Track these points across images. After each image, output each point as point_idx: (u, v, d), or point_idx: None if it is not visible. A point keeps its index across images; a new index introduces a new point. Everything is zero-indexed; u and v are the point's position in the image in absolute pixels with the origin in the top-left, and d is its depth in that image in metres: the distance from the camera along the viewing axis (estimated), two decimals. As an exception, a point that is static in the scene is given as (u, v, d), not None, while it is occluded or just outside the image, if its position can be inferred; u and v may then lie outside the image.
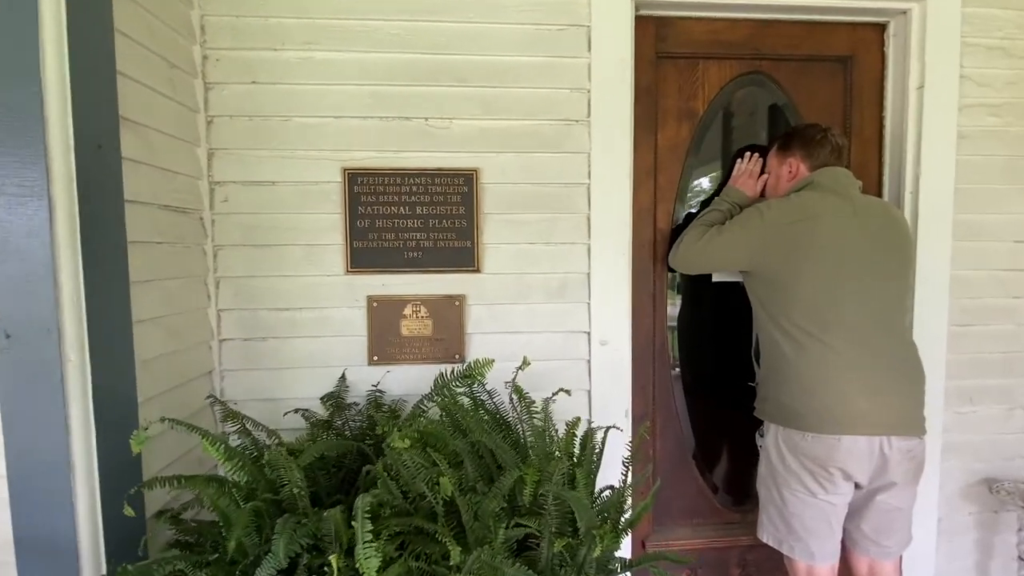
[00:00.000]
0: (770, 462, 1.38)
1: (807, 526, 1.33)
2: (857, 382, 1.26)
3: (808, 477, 1.30)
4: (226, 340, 1.48)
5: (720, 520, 1.77)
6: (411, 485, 0.96)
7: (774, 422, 1.37)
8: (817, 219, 1.31)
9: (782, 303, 1.33)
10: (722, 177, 1.65)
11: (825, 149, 1.40)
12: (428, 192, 1.48)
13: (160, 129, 1.26)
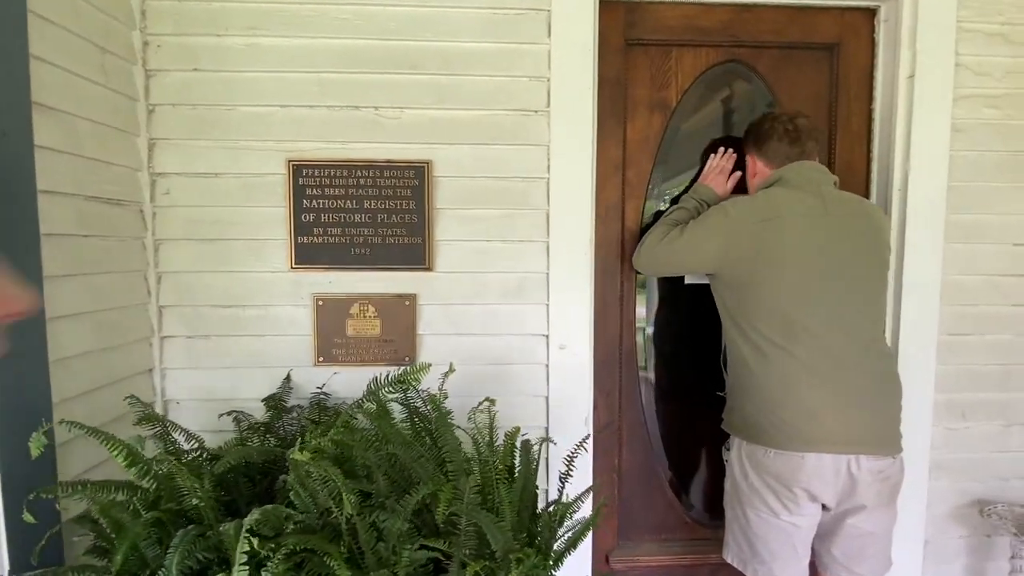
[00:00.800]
0: (734, 478, 1.29)
1: (771, 548, 1.24)
2: (824, 396, 1.16)
3: (771, 496, 1.21)
4: (168, 337, 1.43)
5: (690, 536, 1.67)
6: (316, 500, 0.89)
7: (738, 436, 1.28)
8: (783, 219, 1.22)
9: (746, 309, 1.24)
10: (696, 173, 1.54)
11: (774, 139, 1.31)
12: (376, 185, 1.40)
13: (88, 117, 1.20)
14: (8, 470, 0.97)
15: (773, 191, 1.27)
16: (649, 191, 1.60)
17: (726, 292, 1.29)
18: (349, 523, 0.85)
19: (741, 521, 1.28)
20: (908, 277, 1.48)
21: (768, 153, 1.33)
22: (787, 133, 1.31)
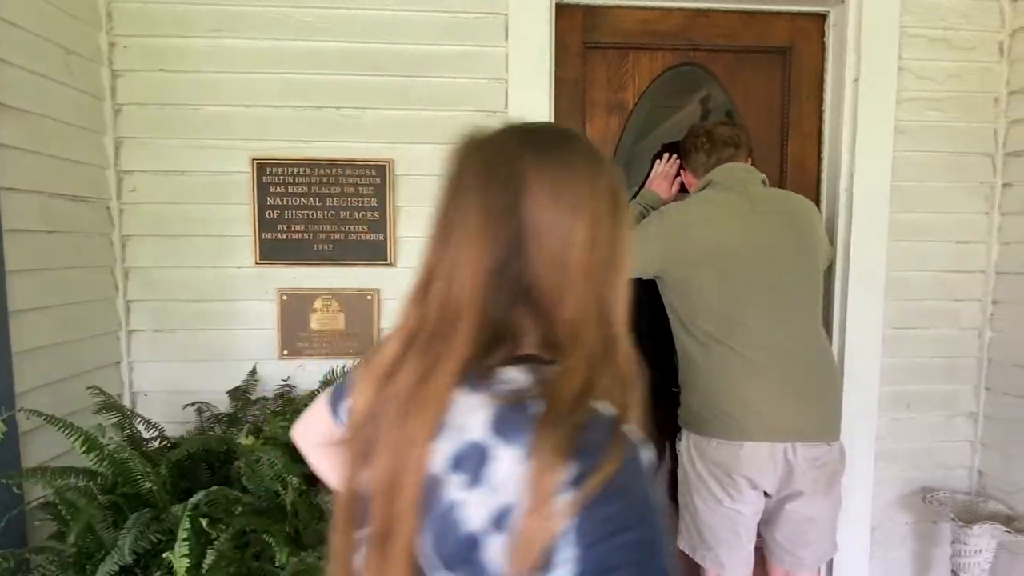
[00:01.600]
0: (683, 468, 1.34)
1: (716, 535, 1.29)
2: (760, 388, 1.21)
3: (715, 484, 1.26)
4: (135, 331, 1.47)
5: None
6: (263, 483, 0.94)
7: (686, 428, 1.33)
8: (713, 220, 1.27)
9: (687, 308, 1.29)
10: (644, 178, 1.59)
11: (692, 152, 1.40)
12: (339, 183, 1.45)
13: (54, 117, 1.24)
14: (-30, 457, 1.01)
15: (704, 194, 1.33)
16: (608, 190, 1.65)
17: (668, 292, 1.34)
18: (293, 504, 0.90)
19: (690, 509, 1.33)
20: (854, 273, 1.54)
21: (692, 165, 1.42)
22: (702, 146, 1.38)
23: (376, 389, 0.47)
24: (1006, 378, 1.56)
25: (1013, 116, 1.54)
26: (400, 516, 0.43)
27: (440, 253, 0.47)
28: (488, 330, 0.44)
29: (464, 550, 0.42)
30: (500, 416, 0.43)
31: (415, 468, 0.43)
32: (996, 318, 1.59)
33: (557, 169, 0.46)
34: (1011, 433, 1.55)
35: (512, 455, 0.41)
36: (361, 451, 0.47)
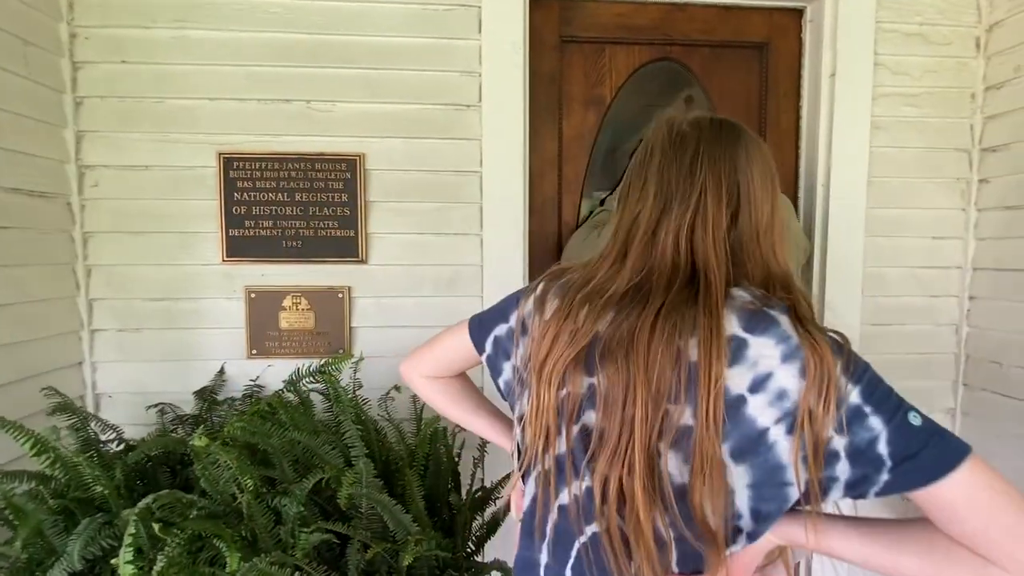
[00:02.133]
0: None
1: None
2: None
3: None
4: (98, 330, 1.43)
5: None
6: (218, 486, 0.90)
7: None
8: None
9: None
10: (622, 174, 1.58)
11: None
12: (308, 178, 1.41)
13: (8, 109, 1.20)
14: (-86, 461, 0.97)
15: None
16: (586, 185, 1.63)
17: None
18: (249, 507, 0.87)
19: None
20: (831, 269, 1.53)
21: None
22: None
23: (597, 318, 0.58)
24: (983, 374, 1.56)
25: (989, 112, 1.54)
26: (709, 407, 0.51)
27: (660, 210, 0.60)
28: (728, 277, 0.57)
29: (751, 439, 0.52)
30: (747, 318, 0.54)
31: (711, 377, 0.51)
32: (973, 314, 1.59)
33: (762, 159, 0.62)
34: (988, 429, 1.55)
35: (758, 341, 0.53)
36: (575, 371, 0.58)
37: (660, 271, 0.58)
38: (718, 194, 0.59)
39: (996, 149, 1.53)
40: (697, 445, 0.51)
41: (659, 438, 0.53)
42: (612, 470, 0.54)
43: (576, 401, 0.58)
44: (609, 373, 0.55)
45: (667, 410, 0.53)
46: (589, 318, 0.58)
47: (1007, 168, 1.50)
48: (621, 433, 0.54)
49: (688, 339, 0.53)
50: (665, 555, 0.54)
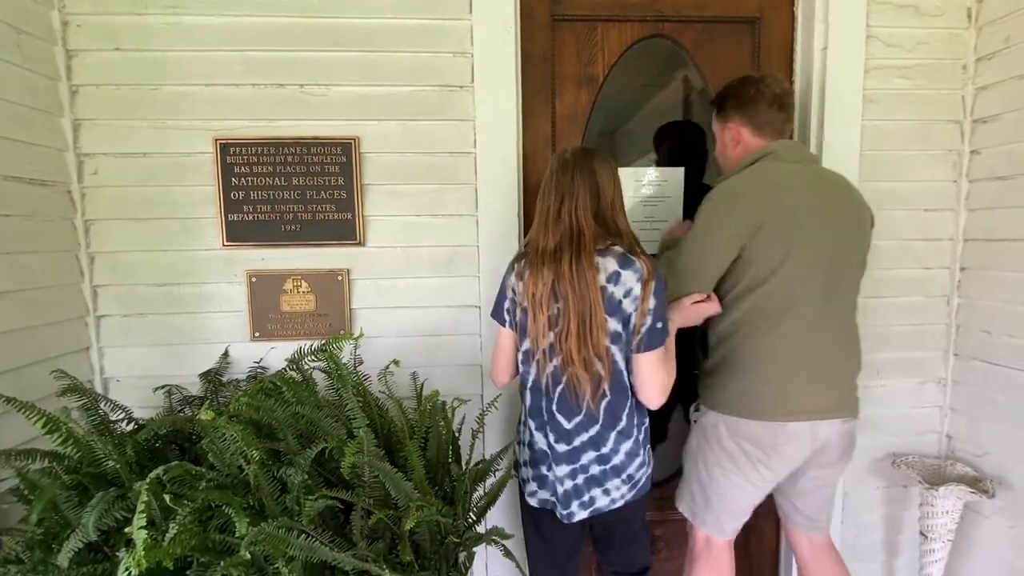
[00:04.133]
0: (706, 440, 1.29)
1: (729, 506, 1.29)
2: (807, 368, 1.20)
3: (744, 460, 1.24)
4: (104, 316, 1.46)
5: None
6: (225, 459, 0.94)
7: (717, 408, 1.27)
8: (789, 191, 1.18)
9: (746, 283, 1.19)
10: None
11: (761, 105, 1.25)
12: (304, 162, 1.43)
13: (5, 98, 1.21)
14: (-69, 442, 1.00)
15: (769, 165, 1.22)
16: (579, 165, 1.64)
17: (729, 269, 1.22)
18: (257, 481, 0.90)
19: (702, 478, 1.31)
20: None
21: (757, 120, 1.26)
22: (776, 99, 1.25)
23: (550, 269, 1.06)
24: (974, 344, 1.59)
25: (981, 83, 1.54)
26: (594, 306, 1.04)
27: (559, 203, 1.09)
28: (594, 234, 1.07)
29: (613, 306, 1.06)
30: (619, 260, 1.06)
31: (594, 287, 1.04)
32: (964, 284, 1.61)
33: (609, 167, 1.12)
34: (979, 398, 1.58)
35: (630, 273, 1.06)
36: (549, 295, 1.07)
37: (563, 236, 1.08)
38: (584, 190, 1.08)
39: (987, 120, 1.53)
40: (594, 315, 1.05)
41: (587, 318, 1.05)
42: (565, 345, 1.07)
43: (553, 315, 1.08)
44: (564, 296, 1.06)
45: (587, 306, 1.05)
46: (545, 269, 1.07)
47: (998, 139, 1.50)
48: (570, 323, 1.06)
49: (584, 271, 1.05)
50: (596, 384, 1.09)
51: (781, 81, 1.27)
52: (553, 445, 1.13)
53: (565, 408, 1.11)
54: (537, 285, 1.07)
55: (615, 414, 1.12)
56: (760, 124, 1.27)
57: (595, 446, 1.12)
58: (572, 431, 1.12)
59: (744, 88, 1.28)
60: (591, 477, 1.13)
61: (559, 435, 1.13)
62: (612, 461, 1.13)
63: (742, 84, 1.29)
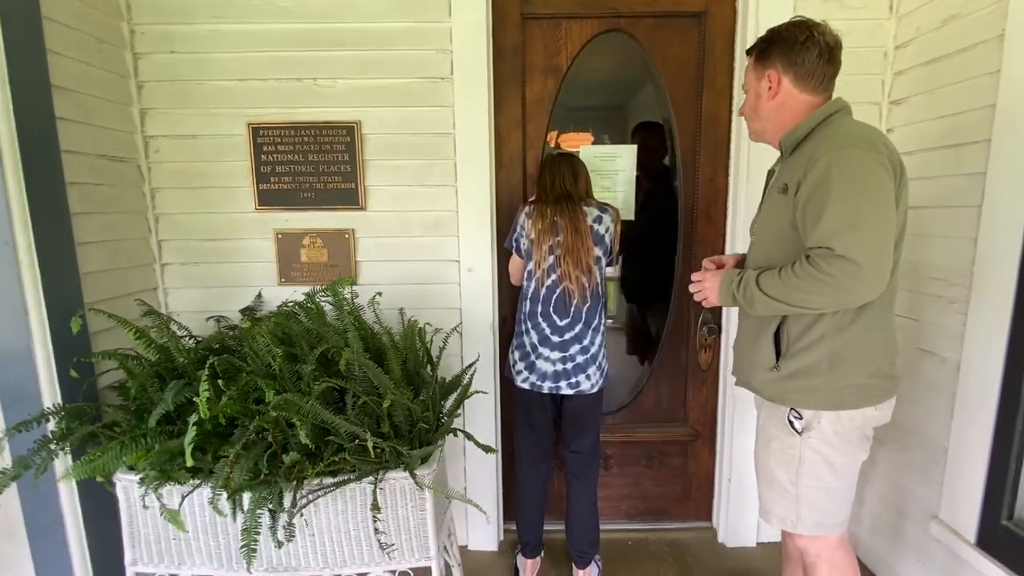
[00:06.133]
0: (830, 445, 1.17)
1: (852, 495, 1.25)
2: (894, 336, 1.19)
3: (859, 449, 1.20)
4: (167, 264, 1.87)
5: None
6: (259, 357, 1.33)
7: (842, 407, 1.15)
8: (893, 152, 1.09)
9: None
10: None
11: (812, 52, 1.13)
12: (317, 142, 1.78)
13: (92, 94, 1.60)
14: (57, 343, 1.43)
15: (858, 121, 1.15)
16: (545, 142, 1.94)
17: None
18: (280, 371, 1.29)
19: (830, 482, 1.20)
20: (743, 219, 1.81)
21: (804, 68, 1.13)
22: (828, 49, 1.13)
23: (552, 212, 1.60)
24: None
25: (898, 67, 1.76)
26: (584, 238, 1.58)
27: (552, 179, 1.64)
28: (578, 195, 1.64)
29: (598, 238, 1.63)
30: (599, 209, 1.64)
31: (585, 221, 1.59)
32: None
33: (578, 160, 1.69)
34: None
35: (607, 217, 1.64)
36: (550, 230, 1.60)
37: (559, 195, 1.62)
38: (567, 171, 1.64)
39: (899, 102, 1.75)
40: (583, 244, 1.57)
41: (579, 246, 1.57)
42: (565, 264, 1.57)
43: (553, 244, 1.59)
44: (564, 230, 1.58)
45: (579, 237, 1.58)
46: (548, 213, 1.59)
47: (906, 118, 1.73)
48: (567, 249, 1.57)
49: (577, 215, 1.59)
50: (583, 296, 1.60)
51: (834, 33, 1.16)
52: (548, 338, 1.63)
53: (559, 310, 1.62)
54: (541, 223, 1.58)
55: (592, 316, 1.63)
56: (805, 74, 1.14)
57: (579, 340, 1.63)
58: (564, 328, 1.63)
59: (794, 31, 1.14)
60: (577, 365, 1.63)
61: (553, 330, 1.63)
62: (591, 351, 1.64)
63: (792, 27, 1.15)
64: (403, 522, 1.44)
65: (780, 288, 1.09)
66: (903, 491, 1.77)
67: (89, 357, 1.44)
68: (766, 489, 1.29)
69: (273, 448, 1.22)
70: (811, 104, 1.18)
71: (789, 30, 1.16)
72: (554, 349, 1.63)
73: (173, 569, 1.46)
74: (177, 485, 1.28)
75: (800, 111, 1.18)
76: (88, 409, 1.37)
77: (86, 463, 1.22)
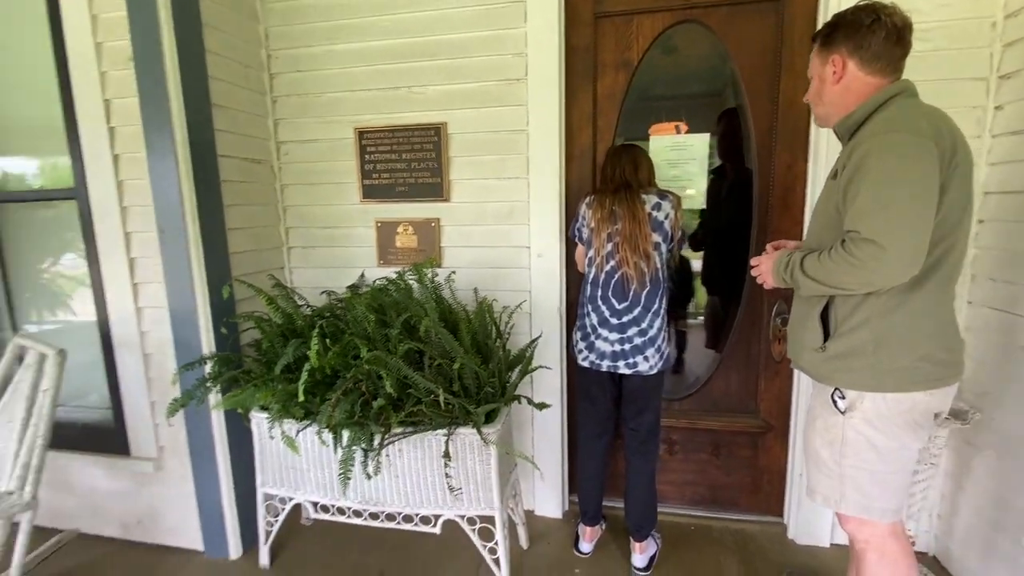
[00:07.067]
0: (858, 433, 1.18)
1: (906, 483, 1.22)
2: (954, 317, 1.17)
3: (909, 435, 1.17)
4: (292, 248, 2.26)
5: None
6: (357, 321, 1.61)
7: (886, 389, 1.14)
8: (955, 132, 1.09)
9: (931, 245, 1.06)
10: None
11: (879, 36, 1.12)
12: (409, 142, 2.05)
13: (240, 108, 2.00)
14: (212, 307, 1.83)
15: (918, 103, 1.14)
16: (616, 135, 2.03)
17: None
18: (373, 334, 1.55)
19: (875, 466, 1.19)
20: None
21: (870, 51, 1.13)
22: (896, 31, 1.12)
23: (610, 202, 1.70)
24: (987, 292, 1.69)
25: (1008, 38, 1.60)
26: (642, 225, 1.66)
27: (613, 170, 1.75)
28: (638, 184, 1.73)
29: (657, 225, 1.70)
30: (658, 196, 1.70)
31: (642, 209, 1.67)
32: (980, 236, 1.70)
33: (640, 150, 1.77)
34: (989, 343, 1.69)
35: (666, 203, 1.70)
36: (609, 219, 1.70)
37: (618, 185, 1.71)
38: (628, 161, 1.73)
39: (1010, 76, 1.59)
40: (641, 230, 1.66)
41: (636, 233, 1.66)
42: (623, 250, 1.67)
43: (611, 231, 1.70)
44: (621, 218, 1.68)
45: (637, 225, 1.66)
46: (607, 203, 1.70)
47: (1018, 92, 1.57)
48: (624, 236, 1.67)
49: (635, 203, 1.67)
50: (642, 281, 1.69)
51: (903, 14, 1.14)
52: (607, 320, 1.73)
53: (618, 295, 1.71)
54: (600, 212, 1.69)
55: (652, 300, 1.70)
56: (871, 57, 1.13)
57: (637, 323, 1.70)
58: (622, 311, 1.71)
59: (860, 15, 1.14)
60: (635, 346, 1.71)
61: (612, 312, 1.72)
62: (649, 334, 1.70)
63: (858, 11, 1.15)
64: (471, 474, 1.65)
65: (819, 269, 1.12)
66: (1000, 502, 1.62)
67: (234, 318, 1.83)
68: (812, 467, 1.30)
69: (365, 396, 1.48)
70: (877, 86, 1.17)
71: (855, 14, 1.16)
72: (612, 331, 1.73)
73: (290, 493, 1.81)
74: (294, 421, 1.60)
75: (866, 93, 1.17)
76: (233, 358, 1.75)
77: (231, 398, 1.58)
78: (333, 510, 1.80)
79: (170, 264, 1.78)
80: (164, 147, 1.70)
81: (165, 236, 1.76)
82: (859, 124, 1.16)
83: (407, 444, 1.61)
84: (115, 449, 2.03)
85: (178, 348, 1.83)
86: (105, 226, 1.86)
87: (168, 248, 1.77)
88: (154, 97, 1.68)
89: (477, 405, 1.56)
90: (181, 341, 1.82)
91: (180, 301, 1.80)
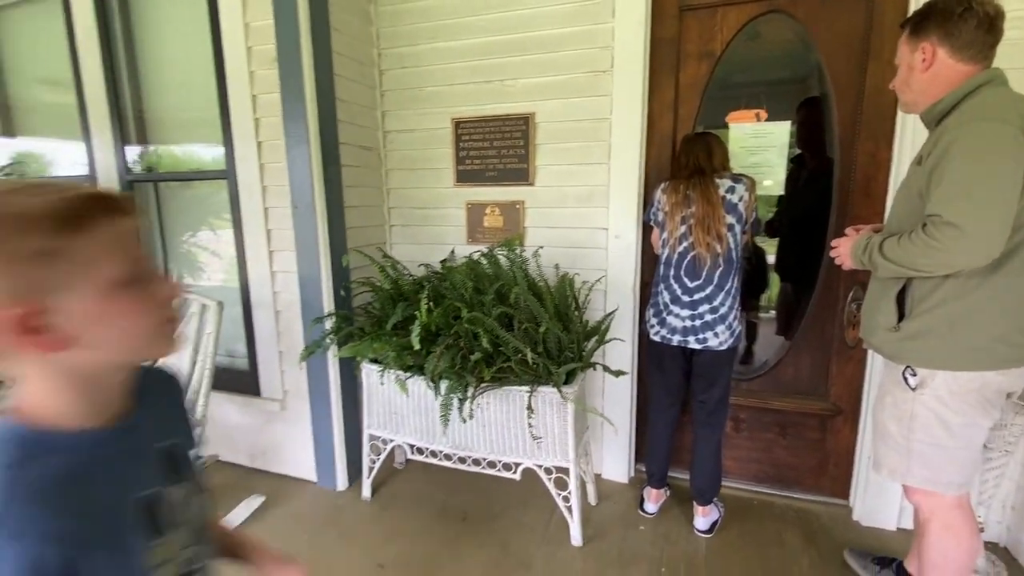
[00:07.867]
0: (929, 410, 1.22)
1: (974, 458, 1.25)
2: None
3: (979, 413, 1.20)
4: (393, 225, 2.56)
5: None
6: (456, 288, 1.85)
7: (958, 368, 1.18)
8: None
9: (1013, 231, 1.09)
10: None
11: (970, 24, 1.13)
12: (500, 131, 2.26)
13: (355, 102, 2.29)
14: (333, 273, 2.15)
15: (1007, 91, 1.15)
16: (697, 122, 2.13)
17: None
18: (470, 299, 1.79)
19: (944, 441, 1.23)
20: (911, 183, 1.78)
21: (960, 39, 1.15)
22: (987, 19, 1.13)
23: (684, 187, 1.82)
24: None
25: (1125, 20, 1.54)
26: (715, 207, 1.77)
27: (687, 156, 1.86)
28: (711, 169, 1.83)
29: (731, 207, 1.79)
30: (732, 180, 1.80)
31: (716, 193, 1.78)
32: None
33: (713, 137, 1.87)
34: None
35: (740, 187, 1.79)
36: (682, 202, 1.82)
37: (692, 171, 1.82)
38: (701, 148, 1.83)
39: (1123, 59, 1.54)
40: (714, 213, 1.76)
41: (710, 215, 1.76)
42: (696, 232, 1.78)
43: (685, 215, 1.81)
44: (696, 202, 1.78)
45: (710, 207, 1.77)
46: (681, 188, 1.82)
47: None
48: (698, 219, 1.77)
49: (708, 187, 1.78)
50: (715, 260, 1.79)
51: (995, 2, 1.15)
52: (679, 297, 1.85)
53: (690, 274, 1.83)
54: (675, 197, 1.81)
55: (725, 280, 1.81)
56: (962, 44, 1.15)
57: (709, 301, 1.81)
58: (694, 289, 1.83)
59: (951, 3, 1.16)
60: (705, 322, 1.83)
61: (684, 290, 1.84)
62: (719, 311, 1.81)
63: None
64: (550, 428, 1.86)
65: (897, 252, 1.18)
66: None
67: (350, 283, 2.14)
68: (879, 442, 1.37)
69: (463, 351, 1.72)
70: (966, 73, 1.19)
71: (946, 2, 1.18)
72: (684, 307, 1.85)
73: (392, 435, 2.11)
74: (402, 371, 1.88)
75: (955, 81, 1.20)
76: (349, 316, 2.05)
77: (351, 348, 1.88)
78: (427, 452, 2.08)
79: (301, 235, 2.11)
80: (300, 135, 2.02)
81: (298, 211, 2.09)
82: (947, 111, 1.19)
83: (494, 397, 1.84)
84: (248, 390, 2.43)
85: (304, 307, 2.17)
86: (250, 202, 2.23)
87: (300, 221, 2.09)
88: (293, 92, 2.00)
89: (558, 366, 1.76)
90: (307, 301, 2.16)
91: (307, 267, 2.13)
